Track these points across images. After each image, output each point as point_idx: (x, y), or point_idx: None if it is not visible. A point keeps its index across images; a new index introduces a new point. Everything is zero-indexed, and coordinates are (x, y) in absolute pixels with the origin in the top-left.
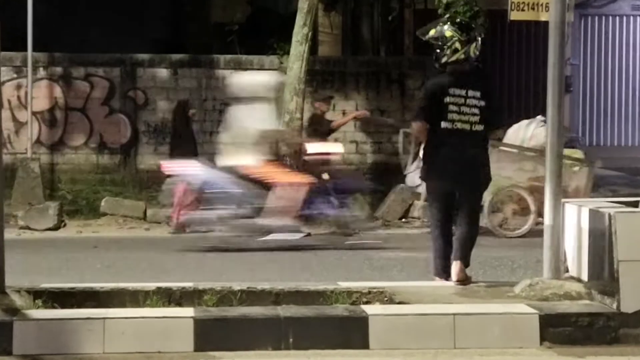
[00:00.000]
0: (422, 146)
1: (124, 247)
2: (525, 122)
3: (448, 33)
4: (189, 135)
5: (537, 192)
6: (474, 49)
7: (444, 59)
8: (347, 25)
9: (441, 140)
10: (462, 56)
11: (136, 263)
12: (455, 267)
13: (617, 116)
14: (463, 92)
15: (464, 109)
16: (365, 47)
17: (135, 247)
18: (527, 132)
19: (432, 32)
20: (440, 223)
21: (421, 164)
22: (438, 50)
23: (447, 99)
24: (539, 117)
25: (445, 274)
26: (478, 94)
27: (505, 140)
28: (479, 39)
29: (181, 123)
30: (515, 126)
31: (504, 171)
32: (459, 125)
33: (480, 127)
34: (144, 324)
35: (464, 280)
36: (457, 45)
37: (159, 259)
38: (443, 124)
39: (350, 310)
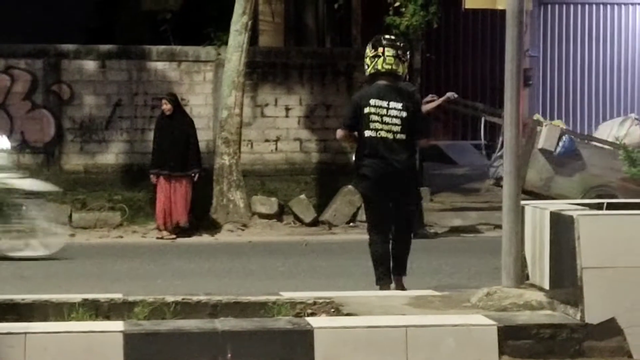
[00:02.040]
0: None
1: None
2: (618, 119)
3: (366, 50)
4: (154, 135)
5: (628, 192)
6: (402, 66)
7: (366, 72)
8: (289, 14)
9: (367, 148)
10: (373, 71)
11: (60, 272)
12: (395, 283)
13: (580, 110)
14: (384, 104)
15: (386, 119)
16: (310, 38)
17: (59, 254)
18: (620, 130)
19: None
20: (377, 230)
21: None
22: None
23: (368, 109)
24: (633, 115)
25: (385, 281)
26: (399, 105)
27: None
28: (407, 55)
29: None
30: (606, 123)
31: (594, 169)
32: (382, 133)
33: (402, 136)
34: (69, 339)
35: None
36: (367, 60)
37: (86, 267)
38: (367, 133)
39: (293, 322)
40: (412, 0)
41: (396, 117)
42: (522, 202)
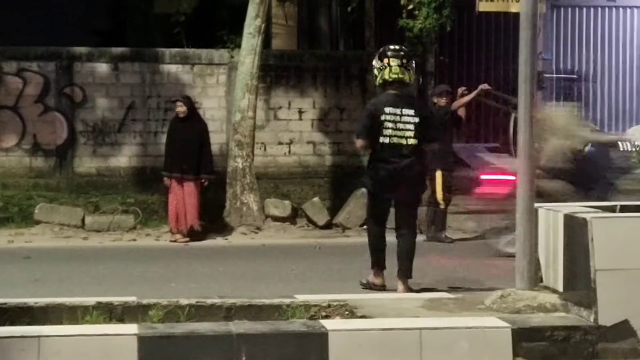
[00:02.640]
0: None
1: (60, 258)
2: None
3: (373, 62)
4: (168, 137)
5: None
6: (408, 74)
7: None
8: (303, 17)
9: (381, 152)
10: (381, 81)
11: (74, 276)
12: (400, 286)
13: (592, 113)
14: (398, 111)
15: (399, 125)
16: (323, 40)
17: (72, 257)
18: None
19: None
20: (376, 223)
21: None
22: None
23: (383, 117)
24: None
25: (379, 268)
26: (412, 112)
27: None
28: (412, 62)
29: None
30: (635, 127)
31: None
32: (395, 140)
33: (414, 141)
34: (83, 342)
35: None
36: (375, 72)
37: (99, 270)
38: (382, 139)
39: (308, 325)
40: (425, 3)
41: (409, 122)
42: (536, 205)
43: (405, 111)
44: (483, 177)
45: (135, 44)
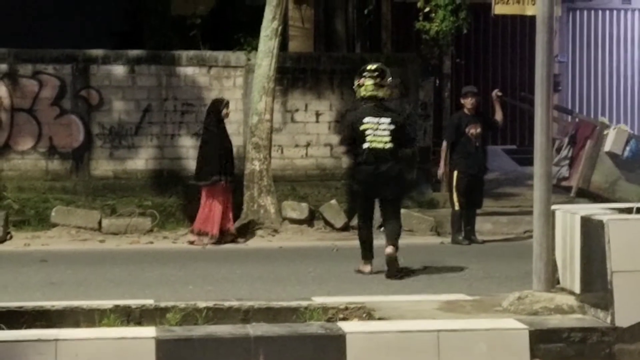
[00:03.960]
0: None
1: (77, 260)
2: None
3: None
4: (218, 140)
5: None
6: (382, 91)
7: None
8: (319, 19)
9: (362, 156)
10: (359, 96)
11: (91, 278)
12: (388, 249)
13: (608, 115)
14: (375, 120)
15: (378, 132)
16: (340, 43)
17: (89, 260)
18: None
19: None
20: (363, 219)
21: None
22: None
23: (363, 127)
24: None
25: (368, 258)
26: (388, 120)
27: None
28: (389, 82)
29: (212, 125)
30: None
31: None
32: (374, 144)
33: (391, 145)
34: (100, 345)
35: (394, 258)
36: (355, 88)
37: (116, 273)
38: (364, 145)
39: (326, 327)
40: (442, 6)
41: (386, 129)
42: (553, 207)
43: (382, 120)
44: None
45: (152, 46)
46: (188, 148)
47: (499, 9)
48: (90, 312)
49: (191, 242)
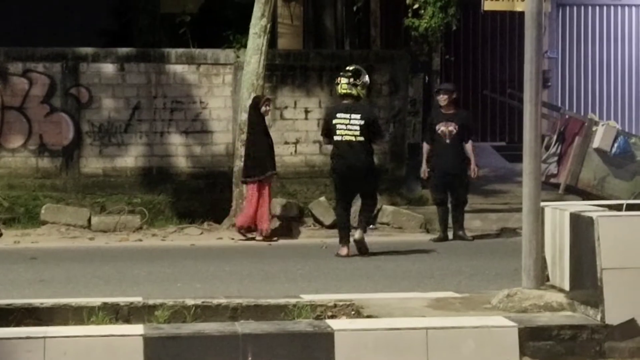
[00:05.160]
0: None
1: (66, 258)
2: None
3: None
4: (262, 136)
5: None
6: (355, 89)
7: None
8: (308, 16)
9: (336, 148)
10: (337, 94)
11: (80, 276)
12: (357, 233)
13: (599, 111)
14: (347, 116)
15: (349, 126)
16: (329, 40)
17: (78, 258)
18: None
19: None
20: (341, 203)
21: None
22: None
23: (335, 121)
24: None
25: (344, 242)
26: (358, 116)
27: None
28: (363, 82)
29: (256, 122)
30: None
31: None
32: (346, 137)
33: (361, 138)
34: (89, 343)
35: (363, 243)
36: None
37: (105, 270)
38: (335, 137)
39: (314, 325)
40: (431, 2)
41: (356, 125)
42: (542, 204)
43: (354, 116)
44: None
45: (141, 44)
46: (177, 145)
47: (488, 5)
48: (79, 310)
49: (246, 238)
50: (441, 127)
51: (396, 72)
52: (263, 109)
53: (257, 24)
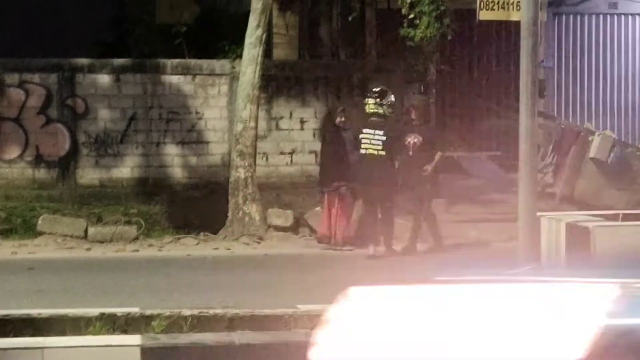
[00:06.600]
0: None
1: (63, 268)
2: None
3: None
4: (333, 147)
5: None
6: (382, 108)
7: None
8: (303, 26)
9: (360, 160)
10: (366, 112)
11: (77, 286)
12: (370, 249)
13: (595, 120)
14: (372, 132)
15: (373, 141)
16: (324, 50)
17: (75, 268)
18: None
19: None
20: (367, 210)
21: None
22: None
23: (361, 136)
24: None
25: (374, 242)
26: (381, 132)
27: None
28: (389, 101)
29: (328, 133)
30: None
31: None
32: (369, 151)
33: (383, 153)
34: (87, 353)
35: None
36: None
37: (102, 281)
38: (361, 151)
39: (311, 335)
40: (426, 12)
41: (379, 140)
42: (538, 213)
43: (377, 132)
44: None
45: (137, 55)
46: (173, 156)
47: (483, 15)
48: (77, 320)
49: (328, 247)
50: (407, 139)
51: (391, 82)
52: (338, 119)
53: (253, 34)
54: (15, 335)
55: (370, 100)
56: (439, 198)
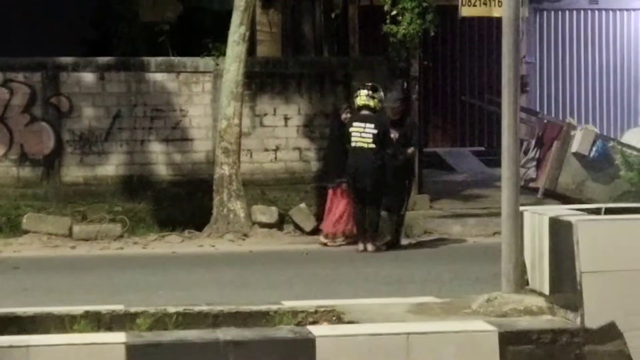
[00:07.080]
0: None
1: (48, 267)
2: None
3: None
4: (338, 143)
5: None
6: (373, 101)
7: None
8: (287, 24)
9: (350, 153)
10: (356, 105)
11: (62, 285)
12: (369, 246)
13: (577, 116)
14: (362, 125)
15: (363, 134)
16: (307, 47)
17: (60, 267)
18: None
19: None
20: (356, 204)
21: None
22: None
23: (351, 129)
24: None
25: (361, 239)
26: (372, 126)
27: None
28: (379, 96)
29: (333, 129)
30: (633, 130)
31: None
32: (359, 144)
33: (373, 146)
34: (72, 351)
35: (381, 248)
36: (354, 98)
37: (87, 279)
38: (352, 144)
39: (295, 331)
40: (409, 9)
41: (370, 133)
42: (521, 208)
43: (368, 125)
44: None
45: (121, 53)
46: (158, 154)
47: (465, 11)
48: (61, 318)
49: (324, 244)
50: None
51: (375, 79)
52: (343, 116)
53: (236, 31)
54: (0, 334)
55: (363, 92)
56: (420, 194)
